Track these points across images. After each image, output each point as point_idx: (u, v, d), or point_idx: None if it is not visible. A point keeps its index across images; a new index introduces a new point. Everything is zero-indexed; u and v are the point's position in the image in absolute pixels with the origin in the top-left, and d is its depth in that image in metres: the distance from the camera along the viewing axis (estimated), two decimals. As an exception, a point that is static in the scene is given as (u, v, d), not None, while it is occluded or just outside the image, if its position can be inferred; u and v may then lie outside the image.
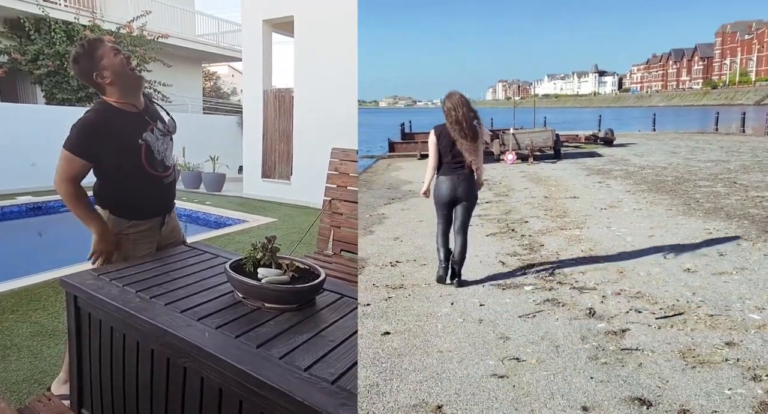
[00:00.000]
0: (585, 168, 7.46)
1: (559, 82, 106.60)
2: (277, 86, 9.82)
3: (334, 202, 3.41)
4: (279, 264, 1.68)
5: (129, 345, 1.57)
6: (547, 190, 5.76)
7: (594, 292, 2.69)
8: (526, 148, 8.22)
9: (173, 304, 1.57)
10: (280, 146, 9.55)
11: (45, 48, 10.81)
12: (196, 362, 1.32)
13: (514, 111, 10.22)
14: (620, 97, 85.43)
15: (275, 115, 9.53)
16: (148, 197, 2.13)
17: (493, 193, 5.65)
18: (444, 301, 2.60)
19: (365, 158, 10.61)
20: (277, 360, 1.24)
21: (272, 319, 1.48)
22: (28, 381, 2.35)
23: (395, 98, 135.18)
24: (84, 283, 1.74)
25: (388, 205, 5.13)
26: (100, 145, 1.95)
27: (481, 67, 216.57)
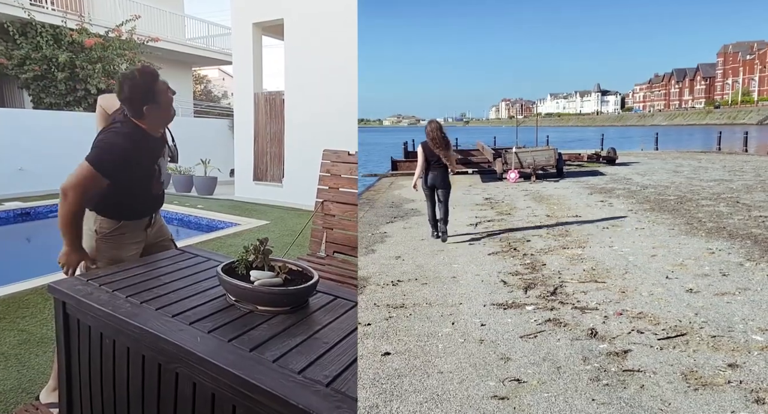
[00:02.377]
0: (587, 187, 7.32)
1: (562, 101, 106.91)
2: (268, 89, 9.79)
3: (327, 203, 3.40)
4: (272, 266, 1.66)
5: (119, 351, 1.54)
6: (549, 208, 5.70)
7: (596, 313, 2.66)
8: (529, 167, 8.22)
9: (164, 309, 1.54)
10: (272, 149, 9.51)
11: (32, 52, 10.68)
12: (188, 367, 1.30)
13: (516, 129, 10.22)
14: (623, 116, 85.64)
15: (266, 117, 9.50)
16: (138, 200, 2.14)
17: (495, 212, 5.59)
18: (445, 321, 2.58)
19: (368, 177, 10.51)
20: (270, 363, 1.22)
21: (265, 322, 1.46)
22: (16, 390, 2.30)
23: (399, 117, 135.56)
24: (72, 289, 1.71)
25: (390, 223, 5.10)
26: (124, 168, 1.96)
27: (485, 86, 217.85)
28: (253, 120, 9.61)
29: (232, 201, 9.02)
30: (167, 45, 13.75)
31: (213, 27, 17.08)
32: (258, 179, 9.72)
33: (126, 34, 11.29)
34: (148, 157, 2.06)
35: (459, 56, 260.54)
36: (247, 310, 1.54)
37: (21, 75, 10.75)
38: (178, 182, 10.33)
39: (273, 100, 9.38)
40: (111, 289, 1.70)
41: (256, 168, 9.75)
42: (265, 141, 9.59)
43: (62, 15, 11.18)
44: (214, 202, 8.76)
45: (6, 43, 10.89)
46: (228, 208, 8.04)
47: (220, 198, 9.36)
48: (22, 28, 10.80)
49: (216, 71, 28.09)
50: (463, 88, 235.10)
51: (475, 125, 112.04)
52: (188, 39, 16.02)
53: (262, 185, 9.59)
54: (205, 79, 27.94)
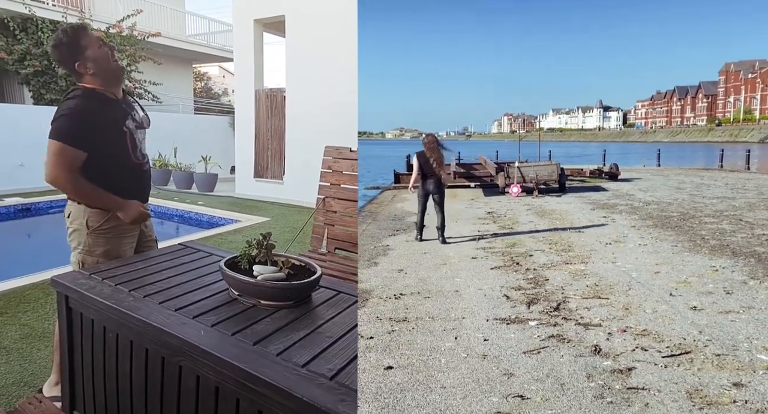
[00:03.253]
0: (590, 202, 7.29)
1: (564, 116, 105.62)
2: (269, 86, 9.77)
3: (328, 200, 3.40)
4: (274, 261, 1.66)
5: (122, 345, 1.54)
6: (551, 223, 5.65)
7: (599, 329, 2.64)
8: (531, 182, 8.17)
9: (167, 303, 1.55)
10: (273, 146, 9.51)
11: (32, 48, 10.66)
12: (192, 361, 1.30)
13: (519, 144, 9.97)
14: (625, 132, 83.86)
15: (267, 114, 9.49)
16: (127, 187, 2.08)
17: (497, 226, 5.54)
18: (448, 335, 2.56)
19: (370, 189, 10.48)
20: (274, 357, 1.23)
21: (268, 316, 1.46)
22: (18, 384, 2.30)
23: (401, 130, 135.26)
24: (75, 283, 1.71)
25: (392, 236, 5.06)
26: (93, 132, 1.91)
27: (487, 100, 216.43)
28: (254, 117, 9.61)
29: (233, 198, 9.03)
30: (168, 41, 13.73)
31: (214, 23, 17.05)
32: (259, 176, 9.72)
33: (127, 30, 11.26)
34: (113, 119, 1.96)
35: (462, 71, 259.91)
36: (250, 304, 1.54)
37: (21, 70, 10.74)
38: (179, 179, 10.33)
39: (274, 96, 9.37)
40: (114, 283, 1.70)
41: (257, 165, 9.75)
42: (266, 138, 9.58)
43: (63, 11, 11.16)
44: (215, 199, 8.76)
45: (6, 39, 10.87)
46: (229, 205, 8.04)
47: (221, 195, 9.36)
48: (22, 23, 10.78)
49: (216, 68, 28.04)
50: (466, 103, 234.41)
51: (477, 139, 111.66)
52: (189, 35, 15.99)
53: (262, 182, 9.60)
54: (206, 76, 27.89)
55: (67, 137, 1.87)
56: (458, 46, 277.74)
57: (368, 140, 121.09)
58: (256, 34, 9.48)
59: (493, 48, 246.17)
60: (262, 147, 9.66)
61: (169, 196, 8.91)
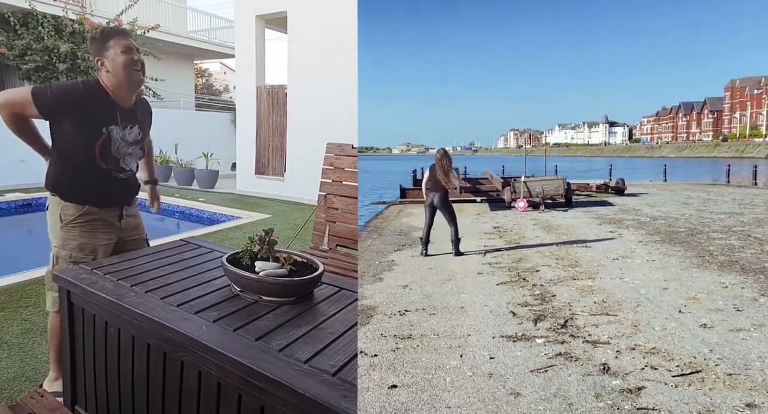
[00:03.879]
0: (596, 217, 7.24)
1: (570, 131, 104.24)
2: (270, 83, 9.76)
3: (330, 197, 3.39)
4: (276, 257, 1.66)
5: (124, 340, 1.54)
6: (558, 238, 5.62)
7: (608, 347, 2.59)
8: (538, 196, 8.12)
9: (169, 298, 1.55)
10: (274, 142, 9.50)
11: (33, 43, 10.63)
12: (194, 356, 1.30)
13: (525, 159, 9.93)
14: (631, 148, 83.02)
15: (269, 111, 9.48)
16: (101, 186, 2.07)
17: (504, 241, 5.48)
18: (453, 353, 2.51)
19: (376, 204, 10.42)
20: (276, 353, 1.22)
21: (270, 312, 1.46)
22: (19, 378, 2.31)
23: (408, 145, 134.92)
24: (77, 278, 1.71)
25: (398, 251, 5.02)
26: (63, 108, 1.94)
27: (494, 115, 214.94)
28: (255, 113, 9.59)
29: (234, 194, 9.03)
30: (169, 37, 13.70)
31: (215, 19, 17.01)
32: (260, 173, 9.71)
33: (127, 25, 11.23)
34: (96, 114, 1.97)
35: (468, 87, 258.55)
36: (251, 300, 1.54)
37: (22, 66, 10.71)
38: (180, 175, 10.33)
39: (276, 93, 9.36)
40: (115, 278, 1.70)
41: (258, 162, 9.74)
42: (267, 135, 9.57)
43: (63, 5, 11.13)
44: (216, 196, 8.76)
45: (7, 34, 10.84)
46: (230, 202, 8.04)
47: (222, 191, 9.36)
48: (23, 18, 10.75)
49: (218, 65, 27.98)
50: (472, 118, 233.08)
51: (483, 154, 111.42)
52: (190, 31, 15.95)
53: (263, 179, 9.59)
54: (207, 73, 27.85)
55: (36, 92, 1.92)
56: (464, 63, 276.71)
57: (375, 155, 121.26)
58: (258, 30, 9.45)
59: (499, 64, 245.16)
60: (263, 144, 9.65)
61: (170, 192, 8.91)
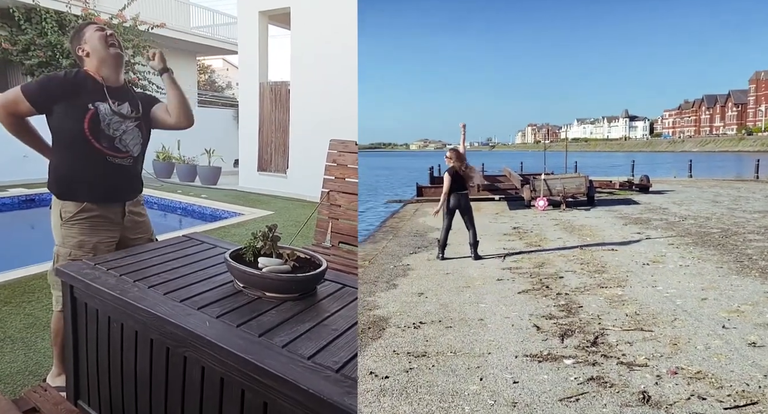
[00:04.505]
0: (621, 216, 6.86)
1: (589, 126, 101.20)
2: (273, 79, 9.74)
3: (332, 193, 3.39)
4: (279, 253, 1.65)
5: (127, 335, 1.54)
6: (581, 240, 5.29)
7: (646, 370, 2.29)
8: (558, 195, 7.84)
9: (172, 294, 1.54)
10: (276, 139, 9.49)
11: (36, 38, 10.63)
12: (197, 351, 1.30)
13: (545, 155, 9.48)
14: (652, 142, 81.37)
15: (271, 108, 9.47)
16: (98, 176, 2.04)
17: (524, 243, 5.20)
18: (472, 375, 2.25)
19: (392, 203, 10.18)
20: (279, 349, 1.22)
21: (273, 309, 1.46)
22: (23, 373, 2.32)
23: (425, 141, 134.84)
24: (80, 273, 1.71)
25: (413, 254, 4.79)
26: (50, 96, 1.95)
27: (511, 110, 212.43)
28: (258, 110, 9.58)
29: (236, 191, 9.03)
30: (172, 33, 13.68)
31: (218, 16, 16.98)
32: (262, 169, 9.72)
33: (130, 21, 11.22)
34: (79, 94, 1.96)
35: (485, 81, 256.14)
36: (254, 296, 1.54)
37: (26, 61, 10.71)
38: (182, 172, 10.34)
39: (278, 89, 9.35)
40: (118, 274, 1.70)
41: (261, 158, 9.74)
42: (270, 131, 9.57)
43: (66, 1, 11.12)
44: (218, 192, 8.76)
45: (11, 29, 10.85)
46: (232, 198, 8.04)
47: (224, 188, 9.36)
48: (26, 13, 10.75)
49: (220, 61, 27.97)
50: (489, 113, 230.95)
51: (500, 150, 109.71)
52: (193, 28, 15.93)
53: (266, 176, 9.59)
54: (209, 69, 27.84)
55: (26, 88, 1.95)
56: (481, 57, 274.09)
57: (392, 152, 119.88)
58: (261, 26, 9.44)
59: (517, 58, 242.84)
60: (266, 140, 9.65)
61: (172, 188, 8.92)
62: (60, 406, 1.46)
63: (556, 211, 7.60)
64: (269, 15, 9.45)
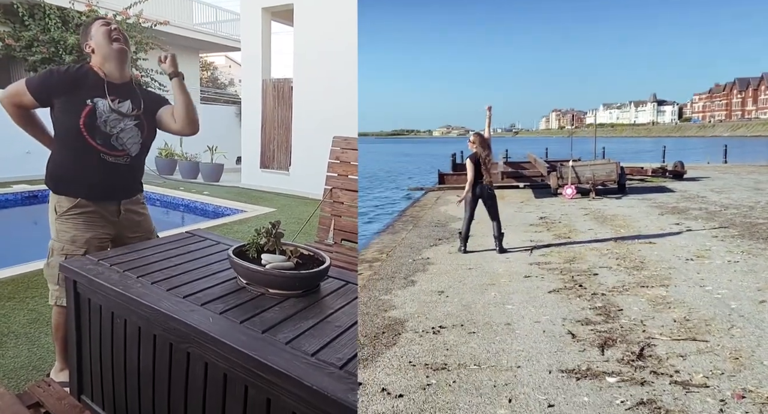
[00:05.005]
0: (656, 205, 6.39)
1: (615, 111, 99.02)
2: (276, 76, 9.73)
3: (335, 191, 3.38)
4: (283, 250, 1.65)
5: (130, 330, 1.54)
6: (615, 231, 4.88)
7: (706, 392, 1.91)
8: (588, 182, 7.38)
9: (175, 290, 1.54)
10: (279, 136, 9.49)
11: (40, 34, 10.64)
12: (200, 347, 1.30)
13: (571, 141, 9.17)
14: (681, 127, 78.98)
15: (274, 105, 9.47)
16: (93, 173, 2.02)
17: (552, 235, 4.84)
18: (499, 395, 1.93)
19: (413, 190, 9.84)
20: (283, 345, 1.22)
21: (277, 305, 1.46)
22: (26, 368, 2.32)
23: (448, 128, 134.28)
24: (84, 268, 1.72)
25: (434, 246, 4.50)
26: (51, 89, 1.97)
27: (535, 96, 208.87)
28: (260, 107, 9.58)
29: (239, 188, 9.03)
30: (175, 30, 13.67)
31: (221, 12, 16.96)
32: (265, 167, 9.72)
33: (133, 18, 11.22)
34: (79, 89, 1.96)
35: (508, 66, 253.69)
36: (258, 292, 1.53)
37: (29, 57, 10.73)
38: (185, 168, 10.35)
39: (281, 87, 9.34)
40: (122, 269, 1.70)
41: (263, 155, 9.74)
42: (273, 128, 9.57)
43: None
44: (221, 189, 8.77)
45: (14, 25, 10.86)
46: (234, 195, 8.04)
47: (227, 185, 9.37)
48: (30, 9, 10.76)
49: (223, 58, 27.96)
50: (513, 99, 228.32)
51: (524, 136, 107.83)
52: (196, 24, 15.92)
53: (268, 173, 9.60)
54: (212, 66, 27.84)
55: (29, 81, 2.00)
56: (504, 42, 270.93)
57: (415, 138, 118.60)
58: (264, 22, 9.42)
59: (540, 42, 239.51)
60: (269, 137, 9.65)
61: (174, 185, 8.93)
62: (64, 401, 1.46)
63: (585, 199, 7.15)
64: (272, 11, 9.43)
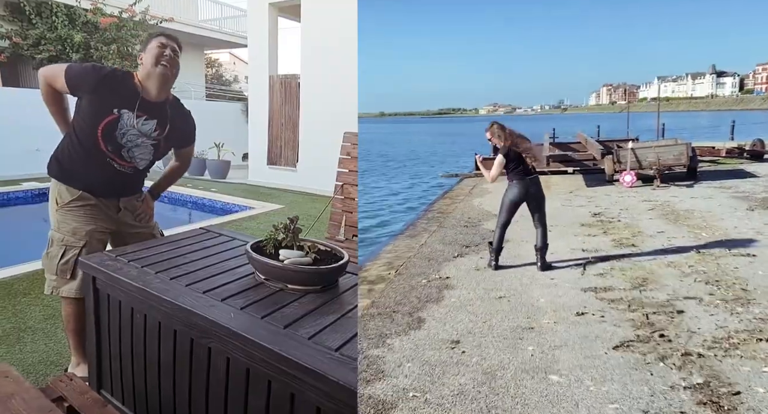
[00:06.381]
0: (740, 196, 5.05)
1: (671, 84, 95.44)
2: (283, 72, 9.71)
3: (346, 187, 3.38)
4: (300, 246, 1.65)
5: (150, 326, 1.55)
6: (694, 235, 3.64)
7: None
8: (652, 167, 6.20)
9: (194, 285, 1.55)
10: (286, 133, 9.49)
11: (47, 32, 10.69)
12: (222, 342, 1.31)
13: (628, 116, 8.00)
14: (743, 99, 73.76)
15: (281, 101, 9.46)
16: (96, 172, 2.06)
17: (611, 240, 3.67)
18: None
19: (448, 177, 8.59)
20: (306, 340, 1.22)
21: (296, 301, 1.46)
22: (45, 362, 2.35)
23: (495, 106, 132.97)
24: (102, 264, 1.73)
25: (458, 258, 3.53)
26: (84, 85, 1.99)
27: (584, 70, 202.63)
28: (267, 103, 9.58)
29: (246, 185, 9.05)
30: (180, 26, 13.68)
31: (226, 8, 16.94)
32: (272, 163, 9.73)
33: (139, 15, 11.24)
34: (113, 98, 1.99)
35: (555, 40, 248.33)
36: (276, 288, 1.54)
37: (36, 56, 10.78)
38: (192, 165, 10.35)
39: (288, 83, 9.33)
40: (140, 265, 1.71)
41: (270, 152, 9.74)
42: (280, 125, 9.57)
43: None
44: (228, 186, 8.79)
45: (21, 23, 10.91)
46: (242, 192, 8.06)
47: (234, 182, 9.38)
48: (37, 7, 10.80)
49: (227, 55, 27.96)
50: (561, 74, 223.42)
51: (573, 112, 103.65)
52: (201, 21, 15.92)
53: (276, 169, 9.60)
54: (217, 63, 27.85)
55: (68, 70, 2.04)
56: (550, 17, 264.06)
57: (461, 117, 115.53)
58: (271, 18, 9.40)
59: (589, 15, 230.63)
60: (276, 134, 9.65)
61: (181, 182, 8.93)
62: (86, 396, 1.47)
63: (647, 188, 5.95)
64: (279, 7, 9.41)
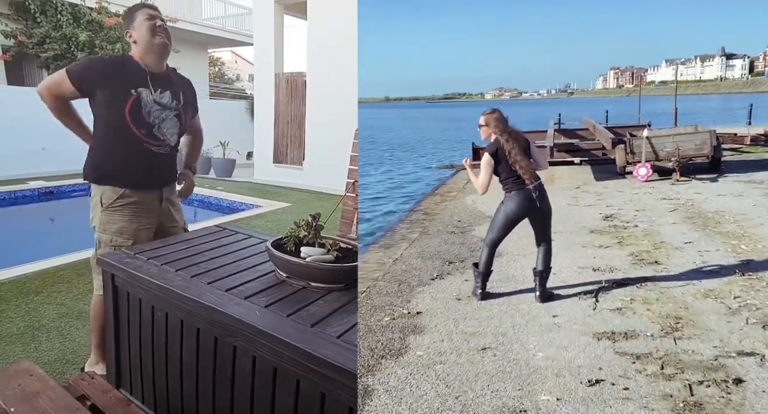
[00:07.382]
0: None
1: (679, 66, 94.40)
2: (289, 70, 9.69)
3: (357, 184, 3.36)
4: (322, 243, 1.64)
5: (172, 324, 1.54)
6: (732, 248, 2.95)
7: None
8: (670, 158, 5.39)
9: (216, 283, 1.54)
10: (292, 131, 9.47)
11: (51, 31, 10.69)
12: (248, 341, 1.29)
13: (639, 100, 7.21)
14: (753, 82, 70.72)
15: (287, 99, 9.44)
16: (136, 161, 2.05)
17: (627, 254, 3.02)
18: None
19: (443, 169, 7.89)
20: (334, 339, 1.21)
21: (320, 299, 1.45)
22: (60, 361, 2.35)
23: (501, 90, 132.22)
24: (122, 262, 1.72)
25: (436, 281, 2.84)
26: (94, 78, 1.98)
27: (591, 53, 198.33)
28: (273, 101, 9.56)
29: (252, 183, 9.04)
30: (184, 25, 13.67)
31: (230, 6, 16.92)
32: (278, 162, 9.72)
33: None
34: (124, 80, 1.98)
35: (560, 22, 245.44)
36: (299, 286, 1.52)
37: (41, 54, 10.79)
38: (197, 163, 10.35)
39: (294, 81, 9.31)
40: (159, 263, 1.70)
41: (276, 150, 9.73)
42: (286, 123, 9.55)
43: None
44: (234, 184, 8.78)
45: (26, 22, 10.92)
46: (248, 190, 8.05)
47: (239, 180, 9.38)
48: (42, 6, 10.80)
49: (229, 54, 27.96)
50: (567, 57, 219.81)
51: (579, 96, 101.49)
52: (205, 19, 15.90)
53: (281, 168, 9.59)
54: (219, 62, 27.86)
55: (71, 71, 1.98)
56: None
57: (466, 102, 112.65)
58: (277, 16, 9.38)
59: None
60: (282, 132, 9.64)
61: (188, 180, 8.94)
62: (109, 394, 1.47)
63: (665, 182, 5.21)
64: (285, 5, 9.39)
